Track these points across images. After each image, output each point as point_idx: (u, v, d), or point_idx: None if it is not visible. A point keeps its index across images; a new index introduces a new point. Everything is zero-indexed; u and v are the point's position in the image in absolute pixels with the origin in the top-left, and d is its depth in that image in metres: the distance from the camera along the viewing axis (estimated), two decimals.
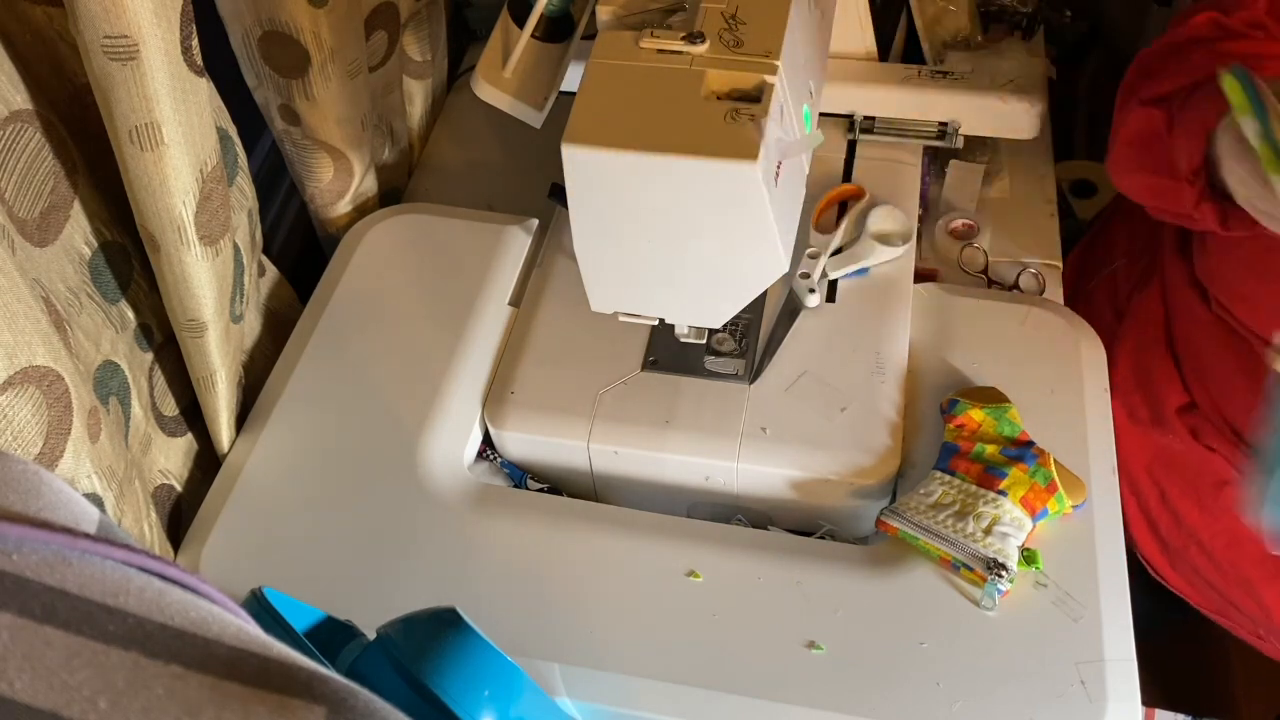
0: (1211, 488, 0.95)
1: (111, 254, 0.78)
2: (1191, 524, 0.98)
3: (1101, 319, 1.03)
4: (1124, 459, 0.87)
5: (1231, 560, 0.96)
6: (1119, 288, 1.06)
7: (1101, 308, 1.06)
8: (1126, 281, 1.05)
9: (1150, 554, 1.03)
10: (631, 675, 0.74)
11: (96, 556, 0.33)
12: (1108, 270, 1.08)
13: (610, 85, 0.69)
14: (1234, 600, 0.98)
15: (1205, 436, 0.94)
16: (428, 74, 1.18)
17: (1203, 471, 0.95)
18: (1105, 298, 1.07)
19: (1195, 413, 0.95)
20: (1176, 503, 0.98)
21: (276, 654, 0.32)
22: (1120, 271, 1.06)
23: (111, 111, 0.67)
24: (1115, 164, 0.90)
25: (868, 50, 1.03)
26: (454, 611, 0.55)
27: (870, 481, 0.82)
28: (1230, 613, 1.00)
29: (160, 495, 0.84)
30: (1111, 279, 1.07)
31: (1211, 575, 0.98)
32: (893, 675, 0.73)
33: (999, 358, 0.90)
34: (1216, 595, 1.00)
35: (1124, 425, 0.95)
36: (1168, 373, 0.96)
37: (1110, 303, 1.06)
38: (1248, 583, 0.96)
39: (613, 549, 0.80)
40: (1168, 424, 0.96)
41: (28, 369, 0.61)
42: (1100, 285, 1.08)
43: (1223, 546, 0.96)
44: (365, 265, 0.99)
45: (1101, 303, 1.07)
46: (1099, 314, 1.04)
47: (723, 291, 0.74)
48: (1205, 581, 0.99)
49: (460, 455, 0.87)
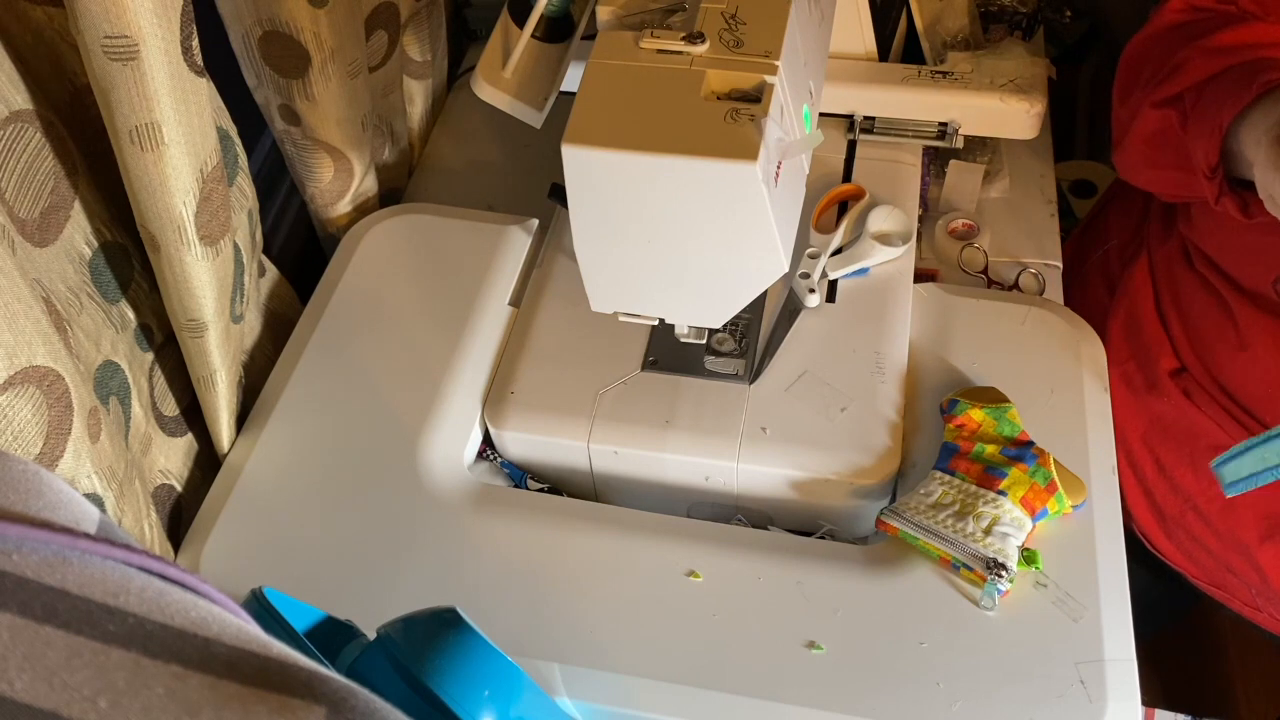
0: (1205, 451, 0.95)
1: (111, 254, 0.78)
2: (1187, 489, 0.98)
3: (1096, 297, 1.06)
4: (1120, 428, 0.88)
5: (1228, 525, 0.96)
6: (1111, 266, 1.08)
7: (1096, 287, 1.08)
8: (1118, 260, 1.07)
9: (1147, 526, 1.03)
10: (631, 675, 0.74)
11: (97, 556, 0.33)
12: (1100, 252, 1.09)
13: (610, 85, 0.69)
14: (1230, 565, 0.99)
15: (1196, 398, 0.95)
16: (428, 74, 1.18)
17: (1197, 435, 0.96)
18: (1099, 278, 1.09)
19: (1186, 375, 0.96)
20: (1172, 470, 0.99)
21: (276, 654, 0.32)
22: (1112, 251, 1.08)
23: (111, 111, 0.67)
24: (1127, 163, 0.91)
25: (868, 50, 1.03)
26: (454, 611, 0.55)
27: (870, 481, 0.82)
28: (1227, 580, 1.01)
29: (160, 495, 0.84)
30: (1104, 259, 1.09)
31: (1208, 541, 0.99)
32: (893, 675, 0.73)
33: (999, 358, 0.90)
34: (1213, 562, 1.00)
35: (1121, 393, 0.97)
36: (1158, 338, 0.98)
37: (1104, 281, 1.08)
38: (1244, 546, 0.96)
39: (613, 549, 0.80)
40: (1161, 388, 0.98)
41: (28, 369, 0.61)
42: (1094, 266, 1.10)
43: (1218, 511, 0.96)
44: (365, 265, 0.99)
45: (1096, 282, 1.08)
46: (1094, 293, 1.07)
47: (723, 291, 0.74)
48: (1202, 548, 1.00)
49: (460, 455, 0.87)
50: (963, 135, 1.02)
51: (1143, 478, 1.02)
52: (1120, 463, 0.84)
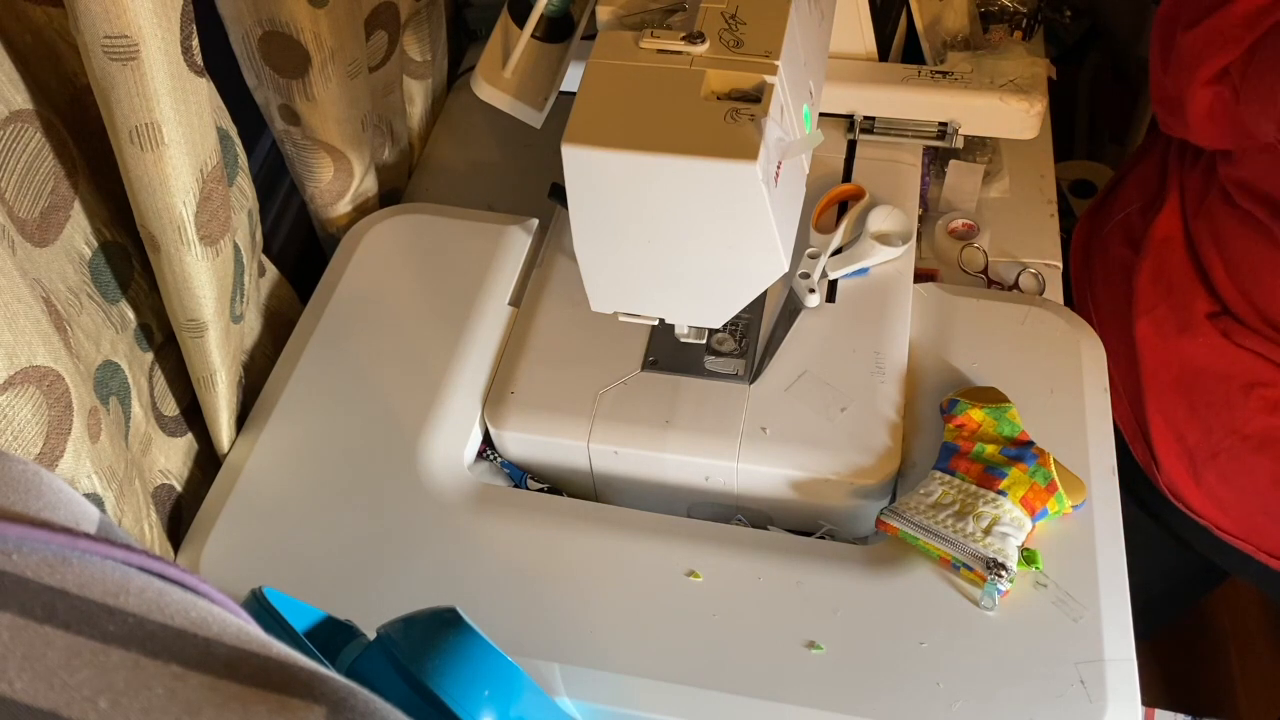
0: (1242, 389, 0.95)
1: (111, 254, 0.78)
2: (1220, 429, 0.98)
3: (1120, 258, 1.05)
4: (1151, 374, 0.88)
5: (1263, 462, 0.96)
6: (1134, 227, 1.07)
7: (1119, 249, 1.07)
8: (1141, 220, 1.06)
9: (1176, 475, 1.02)
10: (631, 675, 0.74)
11: (96, 556, 0.33)
12: (1122, 215, 1.09)
13: (610, 85, 0.69)
14: (1265, 507, 0.98)
15: (1236, 336, 0.95)
16: (428, 74, 1.19)
17: (1233, 374, 0.96)
18: (1121, 239, 1.08)
19: (1225, 316, 0.96)
20: (1205, 411, 0.98)
21: (276, 654, 0.32)
22: (1134, 214, 1.08)
23: (111, 111, 0.67)
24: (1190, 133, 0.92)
25: (868, 50, 1.03)
26: (454, 611, 0.55)
27: (870, 481, 0.82)
28: (1258, 525, 1.00)
29: (160, 495, 0.84)
30: (1126, 221, 1.09)
31: (1241, 480, 0.98)
32: (893, 675, 0.73)
33: (999, 358, 0.90)
34: (1244, 505, 1.00)
35: (1150, 340, 0.97)
36: (1192, 282, 0.98)
37: (1127, 242, 1.07)
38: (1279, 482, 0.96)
39: (613, 549, 0.80)
40: (1195, 329, 0.97)
41: (28, 369, 0.61)
42: (1115, 229, 1.10)
43: (1252, 449, 0.96)
44: (365, 265, 0.99)
45: (1118, 244, 1.08)
46: (1116, 255, 1.06)
47: (723, 291, 0.74)
48: (1235, 490, 0.99)
49: (460, 455, 0.87)
50: (963, 135, 1.02)
51: (1173, 422, 1.01)
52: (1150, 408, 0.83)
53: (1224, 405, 0.97)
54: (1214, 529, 1.03)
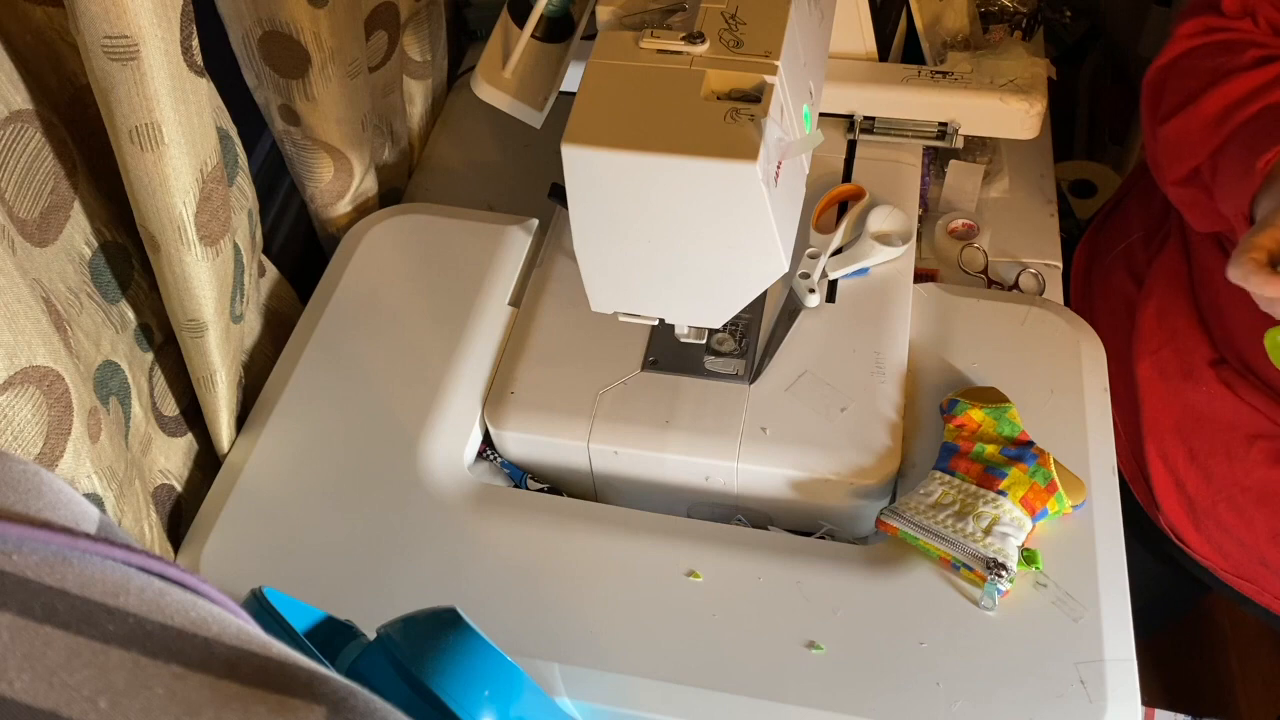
0: (1243, 440, 0.94)
1: (111, 254, 0.78)
2: (1221, 478, 0.97)
3: (1122, 289, 1.04)
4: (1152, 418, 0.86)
5: (1263, 514, 0.95)
6: (1136, 258, 1.06)
7: (1122, 279, 1.06)
8: (1144, 251, 1.05)
9: (1176, 519, 1.02)
10: (631, 675, 0.74)
11: (96, 556, 0.33)
12: (1124, 244, 1.08)
13: (610, 85, 0.69)
14: (1263, 557, 0.98)
15: (1238, 389, 0.94)
16: (428, 74, 1.19)
17: (1235, 425, 0.95)
18: (1124, 270, 1.07)
19: (1226, 366, 0.95)
20: (1205, 459, 0.98)
21: (276, 654, 0.32)
22: (1136, 244, 1.07)
23: (111, 111, 0.67)
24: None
25: (868, 50, 1.03)
26: (454, 611, 0.55)
27: (870, 481, 0.82)
28: (1258, 573, 1.00)
29: (160, 495, 0.84)
30: (1128, 251, 1.07)
31: (1240, 532, 0.98)
32: (893, 675, 0.73)
33: (999, 358, 0.90)
34: (1244, 554, 0.99)
35: (1153, 382, 0.96)
36: (1194, 328, 0.97)
37: (1130, 273, 1.06)
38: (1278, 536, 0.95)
39: (613, 549, 0.80)
40: (1198, 377, 0.96)
41: (28, 369, 0.61)
42: (1117, 259, 1.09)
43: (1253, 501, 0.95)
44: (365, 265, 0.99)
45: (1121, 275, 1.07)
46: (1119, 285, 1.05)
47: (723, 291, 0.74)
48: (1234, 540, 0.99)
49: (460, 455, 0.87)
50: (963, 135, 1.02)
51: (1174, 468, 1.00)
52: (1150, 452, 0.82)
53: (1225, 455, 0.96)
54: (1213, 570, 1.03)
